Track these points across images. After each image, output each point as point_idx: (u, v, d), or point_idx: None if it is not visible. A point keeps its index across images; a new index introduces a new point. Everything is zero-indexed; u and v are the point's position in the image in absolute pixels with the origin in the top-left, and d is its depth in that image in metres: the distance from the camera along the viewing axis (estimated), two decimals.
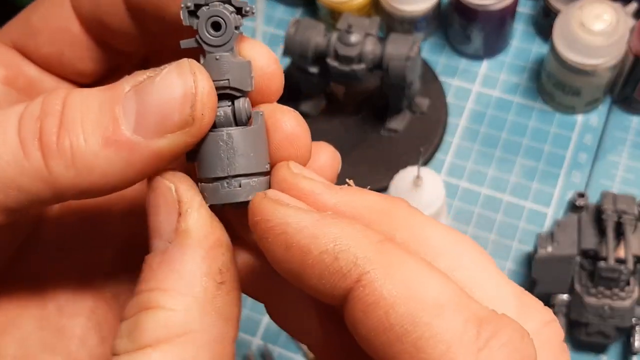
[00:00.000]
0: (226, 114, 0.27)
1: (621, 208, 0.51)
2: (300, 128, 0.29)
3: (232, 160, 0.27)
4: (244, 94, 0.28)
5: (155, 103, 0.25)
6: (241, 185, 0.27)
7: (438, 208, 0.51)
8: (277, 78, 0.30)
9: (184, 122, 0.25)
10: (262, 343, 0.59)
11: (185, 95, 0.25)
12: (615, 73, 0.61)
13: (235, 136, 0.27)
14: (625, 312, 0.52)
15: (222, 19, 0.27)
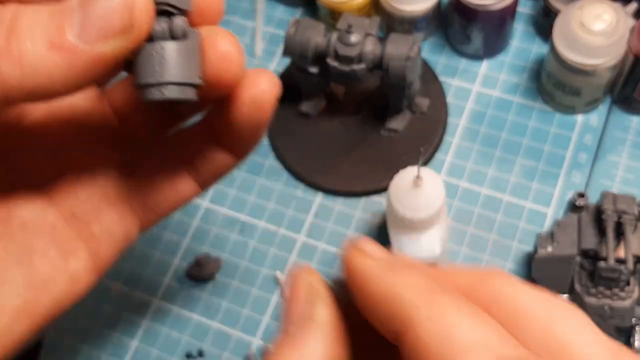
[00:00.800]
0: (163, 28, 0.30)
1: (621, 208, 0.51)
2: (234, 49, 0.32)
3: (164, 70, 0.30)
4: (181, 12, 0.30)
5: (98, 12, 0.28)
6: (170, 91, 0.30)
7: (438, 208, 0.51)
8: (217, 3, 0.33)
9: (124, 28, 0.28)
10: (262, 343, 0.59)
11: (126, 4, 0.28)
12: (616, 73, 0.61)
13: (168, 48, 0.30)
14: (626, 312, 0.52)
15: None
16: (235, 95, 0.35)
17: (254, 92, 0.35)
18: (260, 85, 0.35)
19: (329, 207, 0.64)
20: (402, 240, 0.53)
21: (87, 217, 0.37)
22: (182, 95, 0.30)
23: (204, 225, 0.64)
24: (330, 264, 0.61)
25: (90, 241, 0.37)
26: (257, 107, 0.35)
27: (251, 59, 0.72)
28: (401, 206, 0.50)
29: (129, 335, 0.61)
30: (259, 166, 0.66)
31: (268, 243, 0.63)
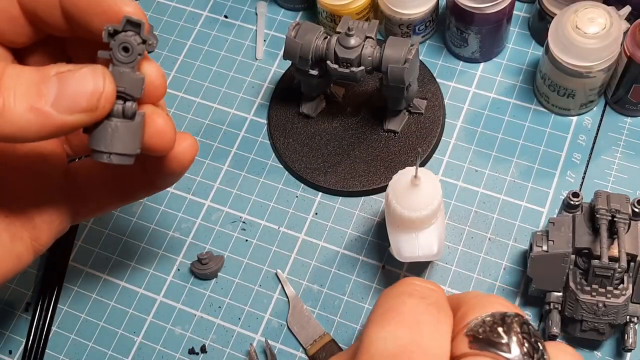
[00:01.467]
0: (118, 109, 0.39)
1: (615, 207, 0.52)
2: (167, 126, 0.42)
3: (113, 142, 0.39)
4: (134, 99, 0.40)
5: (71, 90, 0.36)
6: (114, 159, 0.39)
7: (435, 207, 0.52)
8: (161, 89, 0.43)
9: (89, 107, 0.37)
10: (263, 339, 0.60)
11: (95, 90, 0.37)
12: (609, 75, 0.62)
13: (120, 126, 0.39)
14: (619, 309, 0.53)
15: (131, 46, 0.39)
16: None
17: (177, 151, 0.45)
18: (182, 145, 0.45)
19: (329, 206, 0.65)
20: (400, 239, 0.54)
21: (32, 212, 0.46)
22: (122, 162, 0.40)
23: (206, 224, 0.65)
24: (330, 263, 0.62)
25: (33, 230, 0.46)
26: (178, 162, 0.46)
27: (253, 61, 0.73)
28: (399, 205, 0.51)
29: (133, 331, 0.61)
30: (260, 166, 0.67)
31: (269, 242, 0.64)
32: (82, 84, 0.37)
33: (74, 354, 0.61)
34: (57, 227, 0.48)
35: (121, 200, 0.51)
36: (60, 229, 0.48)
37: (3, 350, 0.62)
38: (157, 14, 0.76)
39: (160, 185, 0.50)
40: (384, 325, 0.31)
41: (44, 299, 0.63)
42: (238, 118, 0.70)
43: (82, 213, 0.50)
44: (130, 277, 0.64)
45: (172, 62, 0.73)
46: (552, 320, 0.55)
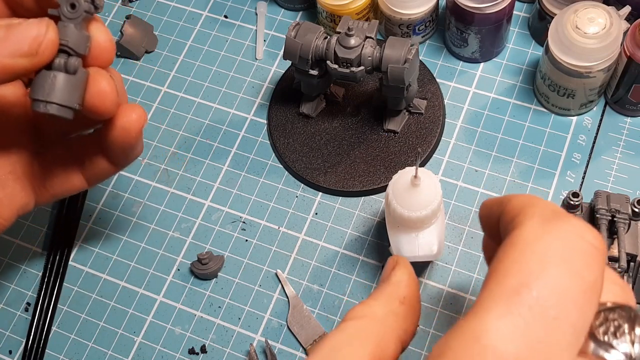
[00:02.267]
0: (60, 62, 0.41)
1: (614, 207, 0.52)
2: (109, 87, 0.43)
3: (51, 92, 0.40)
4: (78, 55, 0.41)
5: (15, 36, 0.39)
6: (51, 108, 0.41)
7: (435, 207, 0.52)
8: (109, 51, 0.44)
9: (30, 52, 0.39)
10: (263, 339, 0.60)
11: (37, 36, 0.39)
12: (609, 75, 0.62)
13: (60, 77, 0.41)
14: None
15: (78, 2, 0.41)
16: (111, 122, 0.47)
17: (124, 121, 0.47)
18: (130, 116, 0.47)
19: (329, 206, 0.65)
20: (400, 239, 0.54)
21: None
22: (60, 114, 0.41)
23: (206, 224, 0.65)
24: (330, 263, 0.62)
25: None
26: (125, 133, 0.47)
27: (253, 61, 0.73)
28: (399, 205, 0.51)
29: (133, 331, 0.62)
30: (260, 166, 0.67)
31: (269, 242, 0.64)
32: (26, 30, 0.39)
33: (74, 354, 0.61)
34: (20, 203, 0.50)
35: (85, 180, 0.52)
36: (23, 205, 0.50)
37: (3, 350, 0.62)
38: (157, 14, 0.76)
39: (116, 161, 0.51)
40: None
41: (44, 299, 0.63)
42: (238, 118, 0.70)
43: (47, 193, 0.51)
44: (130, 277, 0.64)
45: (172, 62, 0.73)
46: None
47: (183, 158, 0.68)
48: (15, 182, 0.49)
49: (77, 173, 0.52)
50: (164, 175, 0.68)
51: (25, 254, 0.66)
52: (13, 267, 0.65)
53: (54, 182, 0.51)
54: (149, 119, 0.70)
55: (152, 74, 0.73)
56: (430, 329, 0.59)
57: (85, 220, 0.66)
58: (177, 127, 0.70)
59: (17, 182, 0.49)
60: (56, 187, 0.52)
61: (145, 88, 0.72)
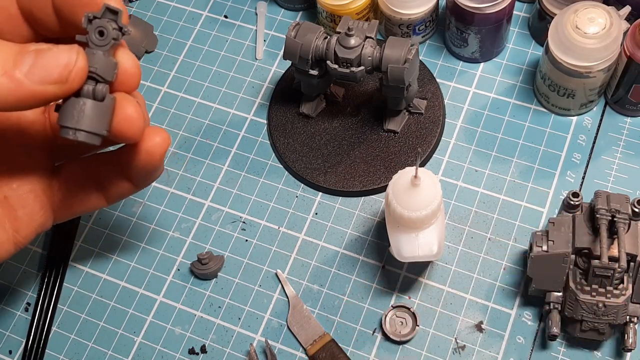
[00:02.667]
0: (88, 89, 0.41)
1: (614, 207, 0.52)
2: (136, 113, 0.44)
3: (80, 119, 0.41)
4: (105, 82, 0.42)
5: (46, 62, 0.39)
6: (80, 135, 0.41)
7: (435, 207, 0.52)
8: (135, 77, 0.45)
9: (60, 79, 0.39)
10: (263, 339, 0.60)
11: (68, 64, 0.39)
12: (609, 75, 0.62)
13: (88, 104, 0.41)
14: (619, 309, 0.53)
15: (106, 30, 0.41)
16: (135, 145, 0.47)
17: (148, 145, 0.47)
18: (154, 140, 0.47)
19: (329, 206, 0.65)
20: (400, 239, 0.54)
21: (15, 203, 0.48)
22: (88, 141, 0.41)
23: (206, 224, 0.65)
24: (329, 263, 0.62)
25: (15, 221, 0.48)
26: (149, 156, 0.47)
27: (253, 61, 0.73)
28: (399, 205, 0.51)
29: (133, 331, 0.62)
30: (260, 166, 0.67)
31: (269, 242, 0.64)
32: (56, 57, 0.39)
33: (74, 354, 0.61)
34: (39, 221, 0.50)
35: (103, 199, 0.52)
36: (42, 223, 0.50)
37: (3, 350, 0.62)
38: (157, 14, 0.76)
39: (137, 183, 0.51)
40: None
41: (44, 299, 0.63)
42: (238, 118, 0.70)
43: (65, 211, 0.51)
44: (130, 277, 0.64)
45: (172, 62, 0.73)
46: (552, 320, 0.55)
47: (183, 158, 0.68)
48: (35, 201, 0.49)
49: (96, 192, 0.51)
50: (164, 175, 0.68)
51: (25, 254, 0.66)
52: (13, 267, 0.65)
53: (72, 201, 0.51)
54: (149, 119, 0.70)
55: (152, 74, 0.73)
56: (431, 329, 0.59)
57: (85, 220, 0.66)
58: (177, 127, 0.70)
59: (37, 201, 0.49)
60: (75, 206, 0.52)
61: (146, 88, 0.72)
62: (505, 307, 0.59)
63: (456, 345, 0.58)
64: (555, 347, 0.58)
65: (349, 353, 0.59)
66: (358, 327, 0.60)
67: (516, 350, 0.58)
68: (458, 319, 0.59)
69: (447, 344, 0.59)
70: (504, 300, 0.60)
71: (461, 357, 0.58)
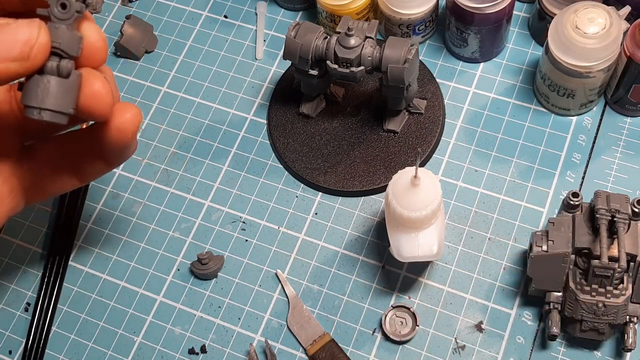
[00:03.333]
0: (52, 66, 0.39)
1: (614, 207, 0.52)
2: (104, 89, 0.42)
3: (45, 98, 0.39)
4: (70, 57, 0.40)
5: (5, 39, 0.37)
6: (45, 115, 0.39)
7: (435, 207, 0.52)
8: (102, 51, 0.43)
9: (21, 56, 0.37)
10: (263, 339, 0.60)
11: (29, 40, 0.37)
12: (609, 75, 0.62)
13: (53, 82, 0.39)
14: (619, 309, 0.53)
15: (69, 2, 0.39)
16: (105, 122, 0.45)
17: (119, 121, 0.45)
18: (125, 116, 0.45)
19: (329, 206, 0.65)
20: (400, 239, 0.54)
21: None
22: (54, 120, 0.39)
23: (206, 224, 0.65)
24: (329, 263, 0.62)
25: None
26: (120, 133, 0.45)
27: (253, 61, 0.73)
28: (399, 205, 0.51)
29: (133, 331, 0.62)
30: (260, 166, 0.67)
31: (269, 242, 0.64)
32: (16, 33, 0.37)
33: (74, 354, 0.61)
34: (9, 205, 0.48)
35: (77, 179, 0.50)
36: (13, 207, 0.48)
37: (3, 350, 0.62)
38: (157, 14, 0.76)
39: (110, 160, 0.49)
40: None
41: (44, 299, 0.63)
42: (238, 118, 0.70)
43: (37, 193, 0.50)
44: (130, 277, 0.64)
45: (172, 62, 0.73)
46: (552, 320, 0.55)
47: (183, 158, 0.68)
48: (2, 185, 0.47)
49: (68, 172, 0.50)
50: (164, 176, 0.68)
51: (25, 254, 0.66)
52: (13, 267, 0.65)
53: (44, 182, 0.50)
54: (149, 119, 0.70)
55: (152, 74, 0.73)
56: (430, 329, 0.59)
57: (85, 221, 0.66)
58: (177, 127, 0.70)
59: (5, 185, 0.47)
60: (47, 188, 0.50)
61: (145, 88, 0.72)
62: (505, 307, 0.59)
63: (456, 345, 0.58)
64: (555, 347, 0.58)
65: (349, 353, 0.59)
66: (358, 327, 0.60)
67: (516, 350, 0.58)
68: (458, 319, 0.59)
69: (447, 344, 0.59)
70: (504, 300, 0.60)
71: (461, 357, 0.58)
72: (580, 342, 0.57)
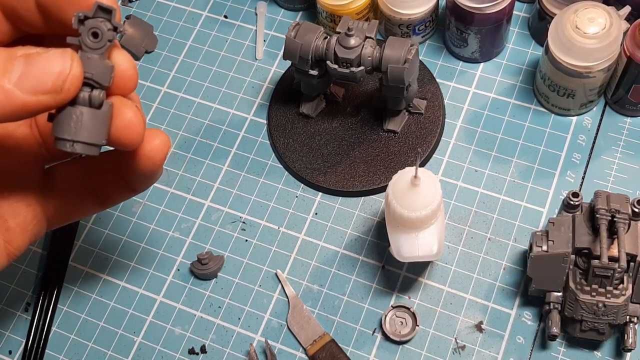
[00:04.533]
0: (84, 97, 0.38)
1: (615, 207, 0.52)
2: (136, 119, 0.41)
3: (77, 130, 0.38)
4: (102, 87, 0.38)
5: (37, 70, 0.36)
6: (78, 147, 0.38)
7: (435, 207, 0.52)
8: (132, 80, 0.41)
9: (54, 89, 0.36)
10: (263, 339, 0.60)
11: (62, 72, 0.36)
12: (609, 75, 0.62)
13: (85, 114, 0.38)
14: (619, 309, 0.53)
15: (100, 31, 0.38)
16: (134, 150, 0.44)
17: (148, 149, 0.43)
18: (154, 143, 0.44)
19: (329, 206, 0.65)
20: (400, 239, 0.54)
21: (6, 213, 0.45)
22: (87, 152, 0.38)
23: (206, 224, 0.65)
24: (329, 263, 0.62)
25: (6, 232, 0.45)
26: (149, 160, 0.44)
27: (253, 61, 0.73)
28: (399, 205, 0.51)
29: (133, 331, 0.62)
30: (260, 166, 0.67)
31: (269, 242, 0.64)
32: (49, 64, 0.36)
33: (74, 354, 0.61)
34: (32, 231, 0.47)
35: (100, 204, 0.49)
36: (36, 233, 0.47)
37: (3, 351, 0.62)
38: (157, 14, 0.76)
39: (136, 186, 0.48)
40: None
41: (44, 299, 0.63)
42: (238, 118, 0.70)
43: (60, 218, 0.48)
44: (130, 277, 0.64)
45: (172, 62, 0.73)
46: (552, 320, 0.55)
47: (183, 158, 0.68)
48: (27, 210, 0.46)
49: (92, 197, 0.48)
50: (164, 176, 0.68)
51: (25, 254, 0.66)
52: (13, 267, 0.65)
53: (67, 208, 0.48)
54: (149, 119, 0.71)
55: (152, 74, 0.73)
56: (431, 329, 0.59)
57: (85, 221, 0.66)
58: (177, 127, 0.70)
59: (29, 210, 0.46)
60: (70, 213, 0.49)
61: (145, 88, 0.72)
62: (505, 307, 0.59)
63: (456, 345, 0.58)
64: (555, 347, 0.58)
65: (349, 353, 0.59)
66: (358, 327, 0.60)
67: (516, 350, 0.58)
68: (458, 319, 0.59)
69: (447, 344, 0.59)
70: (504, 300, 0.60)
71: (461, 357, 0.58)
72: (580, 342, 0.57)
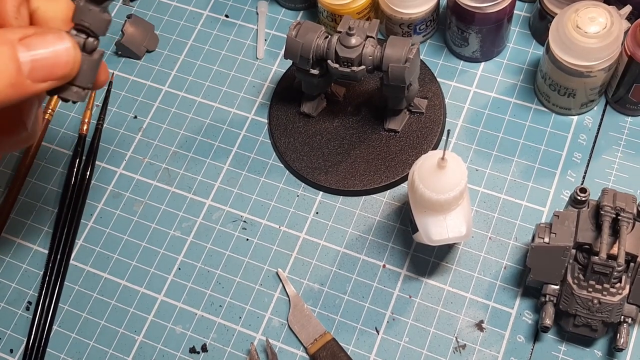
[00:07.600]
0: (80, 42, 0.41)
1: (620, 205, 0.52)
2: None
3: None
4: (96, 36, 0.41)
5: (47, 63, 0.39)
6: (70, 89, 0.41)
7: (462, 188, 0.51)
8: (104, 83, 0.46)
9: (64, 76, 0.40)
10: (263, 338, 0.60)
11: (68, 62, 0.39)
12: (610, 74, 0.62)
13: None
14: (614, 308, 0.53)
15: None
16: None
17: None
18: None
19: (330, 205, 0.65)
20: (428, 223, 0.53)
21: None
22: (78, 99, 0.42)
23: (207, 223, 0.65)
24: (330, 262, 0.62)
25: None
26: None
27: (254, 61, 0.73)
28: (427, 189, 0.51)
29: (134, 330, 0.62)
30: (261, 165, 0.67)
31: (270, 241, 0.64)
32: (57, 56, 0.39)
33: (75, 353, 0.61)
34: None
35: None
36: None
37: (4, 349, 0.62)
38: (158, 13, 0.76)
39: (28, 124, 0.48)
40: None
41: (45, 298, 0.63)
42: (239, 117, 0.70)
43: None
44: (131, 276, 0.64)
45: (173, 62, 0.74)
46: (545, 312, 0.55)
47: (184, 157, 0.68)
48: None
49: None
50: (165, 175, 0.68)
51: (26, 253, 0.66)
52: (14, 266, 0.65)
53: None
54: (150, 119, 0.71)
55: (153, 73, 0.73)
56: (431, 328, 0.59)
57: (86, 220, 0.66)
58: (178, 127, 0.70)
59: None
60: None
61: (146, 87, 0.72)
62: (506, 306, 0.59)
63: (457, 344, 0.58)
64: (555, 346, 0.58)
65: (350, 352, 0.59)
66: (359, 326, 0.60)
67: (517, 349, 0.58)
68: (459, 318, 0.59)
69: (447, 342, 0.59)
70: (505, 299, 0.60)
71: (462, 356, 0.58)
72: (573, 337, 0.57)
